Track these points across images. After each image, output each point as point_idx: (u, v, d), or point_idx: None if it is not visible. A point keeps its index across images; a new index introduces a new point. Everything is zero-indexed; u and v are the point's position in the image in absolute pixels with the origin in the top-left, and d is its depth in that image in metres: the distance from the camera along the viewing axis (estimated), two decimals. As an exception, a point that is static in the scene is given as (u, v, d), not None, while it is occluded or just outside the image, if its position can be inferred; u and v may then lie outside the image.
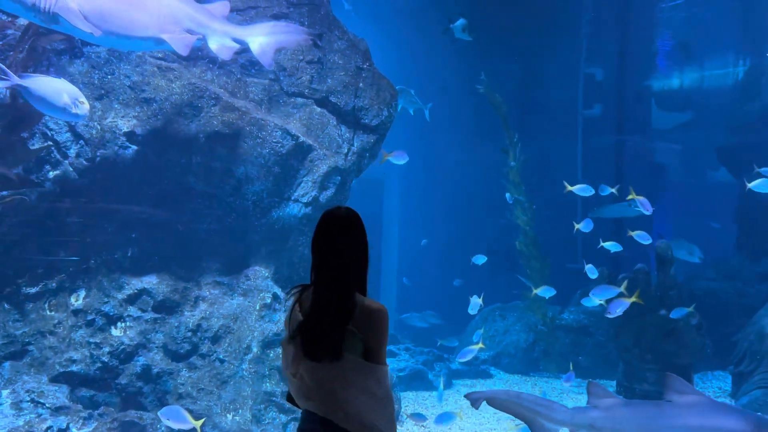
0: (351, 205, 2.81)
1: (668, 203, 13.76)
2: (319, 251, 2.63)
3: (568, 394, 9.84)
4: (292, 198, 7.32)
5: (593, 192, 9.27)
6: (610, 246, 8.20)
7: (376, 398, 2.56)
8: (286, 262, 7.35)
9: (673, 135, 13.40)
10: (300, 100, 7.44)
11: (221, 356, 6.75)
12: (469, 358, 7.78)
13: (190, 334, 6.77)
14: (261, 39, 6.30)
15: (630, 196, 7.45)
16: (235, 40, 6.23)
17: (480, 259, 9.84)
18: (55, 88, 5.15)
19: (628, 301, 7.00)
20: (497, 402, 4.92)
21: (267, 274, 7.23)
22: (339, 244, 2.60)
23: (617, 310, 7.06)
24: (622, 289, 7.47)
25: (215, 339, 6.81)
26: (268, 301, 7.03)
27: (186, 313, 6.86)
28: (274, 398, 6.71)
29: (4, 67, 5.14)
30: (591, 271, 9.55)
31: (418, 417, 6.71)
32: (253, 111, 7.09)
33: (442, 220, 14.43)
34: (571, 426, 4.66)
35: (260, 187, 7.12)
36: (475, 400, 4.98)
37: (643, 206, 7.36)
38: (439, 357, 10.10)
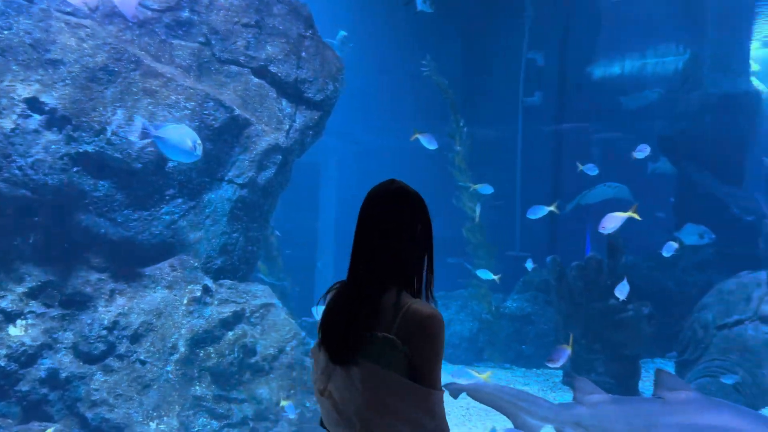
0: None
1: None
2: (355, 232, 2.07)
3: (513, 385, 9.55)
4: (226, 178, 6.54)
5: (492, 191, 9.37)
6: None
7: None
8: (219, 251, 6.55)
9: (613, 123, 13.37)
10: (234, 68, 6.63)
11: (142, 357, 5.91)
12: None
13: (105, 332, 5.90)
14: None
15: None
16: None
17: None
18: (182, 135, 5.60)
19: (568, 350, 6.57)
20: (479, 394, 4.68)
21: (196, 263, 6.42)
22: (374, 221, 2.00)
23: (560, 360, 6.59)
24: None
25: (135, 338, 5.96)
26: (198, 294, 6.23)
27: (100, 308, 5.98)
28: (204, 403, 5.95)
29: (146, 122, 5.63)
30: (529, 263, 9.45)
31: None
32: (180, 78, 6.24)
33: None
34: (555, 423, 4.26)
35: (189, 165, 6.29)
36: (455, 391, 4.72)
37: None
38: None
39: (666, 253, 8.04)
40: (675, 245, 8.00)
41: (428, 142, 8.19)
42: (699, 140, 11.44)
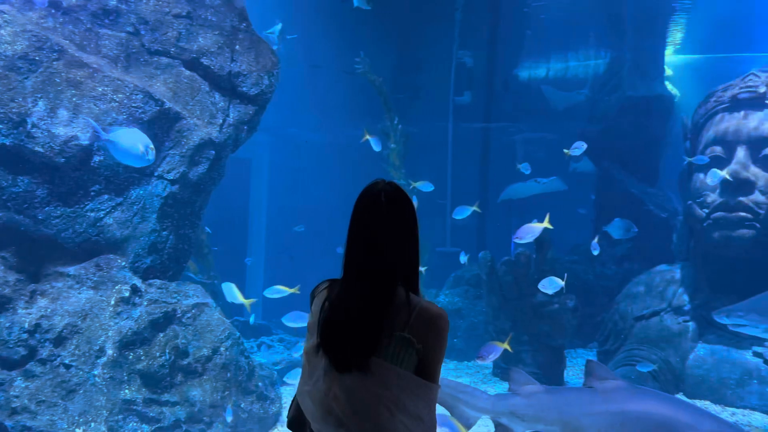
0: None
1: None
2: (352, 233, 2.07)
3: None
4: (156, 174, 6.31)
5: (432, 188, 9.55)
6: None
7: (423, 426, 1.96)
8: (148, 249, 6.32)
9: (539, 123, 13.83)
10: (165, 59, 6.41)
11: (67, 361, 5.64)
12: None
13: (26, 335, 5.58)
14: None
15: None
16: None
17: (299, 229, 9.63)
18: (133, 140, 5.56)
19: (499, 347, 6.74)
20: None
21: (124, 263, 6.17)
22: (378, 224, 2.03)
23: (490, 356, 6.74)
24: None
25: (59, 341, 5.67)
26: (126, 294, 6.00)
27: (20, 310, 5.66)
28: (134, 407, 5.73)
29: (96, 125, 5.57)
30: (462, 256, 9.66)
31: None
32: (107, 69, 5.97)
33: (314, 203, 13.78)
34: (492, 413, 4.38)
35: (115, 160, 6.03)
36: None
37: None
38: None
39: (594, 251, 8.41)
40: (597, 246, 8.40)
41: (375, 144, 8.39)
42: (618, 141, 12.01)
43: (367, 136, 8.26)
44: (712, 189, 8.46)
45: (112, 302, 5.94)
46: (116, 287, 5.99)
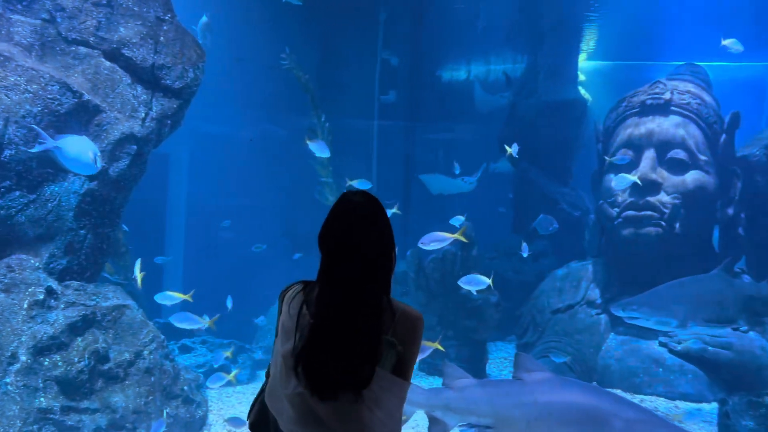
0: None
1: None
2: (335, 245, 2.05)
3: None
4: (73, 170, 5.98)
5: (370, 185, 9.47)
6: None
7: (393, 421, 2.02)
8: (64, 250, 5.98)
9: (461, 125, 14.15)
10: (83, 49, 6.09)
11: (-26, 370, 5.25)
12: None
13: (-74, 344, 5.15)
14: None
15: None
16: None
17: (258, 248, 9.67)
18: (82, 147, 5.50)
19: (429, 346, 6.76)
20: None
21: (38, 264, 5.82)
22: (363, 235, 2.03)
23: None
24: None
25: (-35, 348, 5.28)
26: (41, 297, 5.65)
27: None
28: (51, 415, 5.41)
29: (41, 130, 5.43)
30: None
31: (236, 421, 5.93)
32: (19, 57, 5.60)
33: (237, 200, 13.47)
34: (426, 407, 4.48)
35: (28, 154, 5.68)
36: None
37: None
38: (241, 348, 9.32)
39: (524, 254, 8.75)
40: (526, 248, 8.76)
41: (319, 150, 8.28)
42: (534, 143, 12.51)
43: (308, 142, 8.09)
44: (622, 189, 8.99)
45: (25, 306, 5.58)
46: (29, 289, 5.64)
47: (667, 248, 8.67)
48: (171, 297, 6.89)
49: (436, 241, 7.06)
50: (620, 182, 8.62)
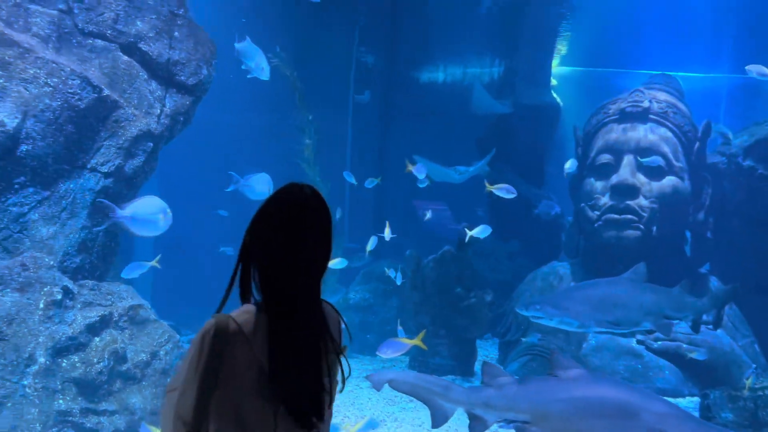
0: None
1: (426, 190, 14.74)
2: (279, 250, 1.79)
3: (364, 373, 9.87)
4: (89, 166, 5.84)
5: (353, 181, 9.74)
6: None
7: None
8: (78, 248, 5.82)
9: (437, 126, 14.31)
10: (100, 42, 5.93)
11: (-8, 372, 5.07)
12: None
13: (-58, 346, 4.94)
14: None
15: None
16: None
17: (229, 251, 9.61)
18: (152, 210, 5.39)
19: (406, 343, 6.69)
20: (397, 384, 4.77)
21: (52, 262, 5.65)
22: (316, 232, 1.84)
23: (388, 352, 6.66)
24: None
25: (-18, 350, 5.09)
26: (58, 297, 5.49)
27: (-65, 317, 4.99)
28: (70, 418, 5.28)
29: (109, 203, 5.35)
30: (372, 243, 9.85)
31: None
32: (39, 49, 5.41)
33: (214, 197, 13.20)
34: (467, 405, 4.62)
35: (45, 150, 5.51)
36: (377, 383, 4.83)
37: None
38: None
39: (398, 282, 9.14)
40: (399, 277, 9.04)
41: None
42: (510, 145, 12.85)
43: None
44: (602, 193, 9.40)
45: (41, 306, 5.41)
46: (45, 289, 5.47)
47: (645, 250, 9.11)
48: (140, 265, 6.58)
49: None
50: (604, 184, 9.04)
